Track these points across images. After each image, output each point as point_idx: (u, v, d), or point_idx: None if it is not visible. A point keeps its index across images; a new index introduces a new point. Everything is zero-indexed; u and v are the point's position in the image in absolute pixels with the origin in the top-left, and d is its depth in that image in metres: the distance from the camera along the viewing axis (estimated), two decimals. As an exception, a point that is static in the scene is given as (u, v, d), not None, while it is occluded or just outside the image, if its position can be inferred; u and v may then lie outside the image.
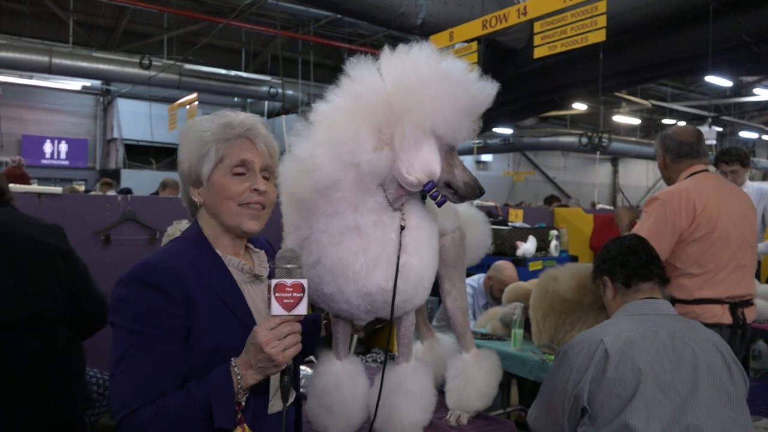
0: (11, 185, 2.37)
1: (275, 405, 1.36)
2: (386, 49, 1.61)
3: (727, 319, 2.65)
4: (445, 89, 1.51)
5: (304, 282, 1.23)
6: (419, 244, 1.68)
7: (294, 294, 1.21)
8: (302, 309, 1.21)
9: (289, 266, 1.23)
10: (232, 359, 1.21)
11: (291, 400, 1.42)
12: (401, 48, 1.60)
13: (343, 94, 1.58)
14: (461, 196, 1.64)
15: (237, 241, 1.40)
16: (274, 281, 1.21)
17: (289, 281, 1.21)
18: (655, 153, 3.05)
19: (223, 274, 1.32)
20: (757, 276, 3.97)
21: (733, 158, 4.35)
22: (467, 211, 2.33)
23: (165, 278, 1.22)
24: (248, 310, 1.32)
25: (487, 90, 1.59)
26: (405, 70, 1.55)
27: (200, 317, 1.24)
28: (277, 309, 1.19)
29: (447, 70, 1.55)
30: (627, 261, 2.09)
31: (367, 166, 1.51)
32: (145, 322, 1.21)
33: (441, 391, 2.08)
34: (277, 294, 1.20)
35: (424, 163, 1.53)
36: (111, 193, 8.53)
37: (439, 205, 1.62)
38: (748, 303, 2.75)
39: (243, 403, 1.21)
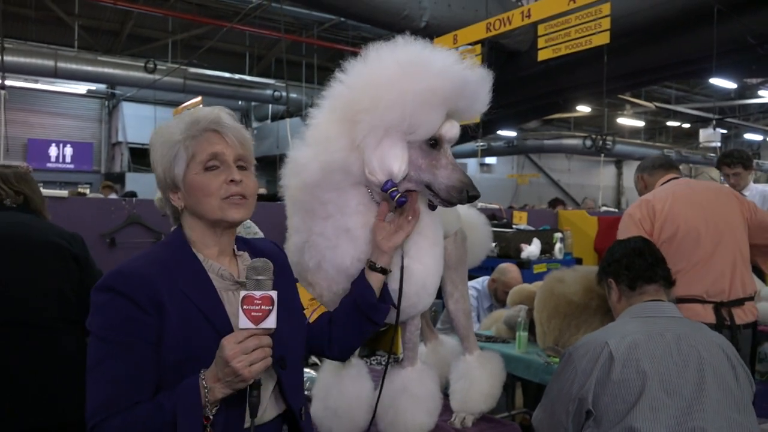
0: None
1: (265, 416, 1.30)
2: (368, 47, 1.56)
3: (710, 318, 2.62)
4: (400, 85, 1.44)
5: (274, 294, 1.17)
6: (420, 250, 1.66)
7: (263, 307, 1.15)
8: (271, 322, 1.16)
9: (259, 278, 1.17)
10: (202, 371, 1.17)
11: (275, 413, 1.34)
12: (379, 45, 1.55)
13: (329, 95, 1.59)
14: (444, 200, 1.54)
15: (224, 240, 1.34)
16: (242, 293, 1.16)
17: (257, 293, 1.15)
18: (635, 186, 3.27)
19: (201, 280, 1.27)
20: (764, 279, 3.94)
21: (736, 161, 4.34)
22: (467, 213, 2.33)
23: (133, 285, 1.19)
24: (226, 319, 1.25)
25: (461, 77, 1.49)
26: (369, 67, 1.52)
27: (170, 325, 1.19)
28: (244, 322, 1.14)
29: (408, 64, 1.47)
30: (632, 263, 2.08)
31: (333, 165, 1.50)
32: (115, 330, 1.18)
33: (445, 394, 2.08)
34: (245, 307, 1.14)
35: (380, 160, 1.47)
36: (113, 196, 8.56)
37: (399, 205, 1.52)
38: (738, 303, 2.70)
39: (211, 417, 1.15)
